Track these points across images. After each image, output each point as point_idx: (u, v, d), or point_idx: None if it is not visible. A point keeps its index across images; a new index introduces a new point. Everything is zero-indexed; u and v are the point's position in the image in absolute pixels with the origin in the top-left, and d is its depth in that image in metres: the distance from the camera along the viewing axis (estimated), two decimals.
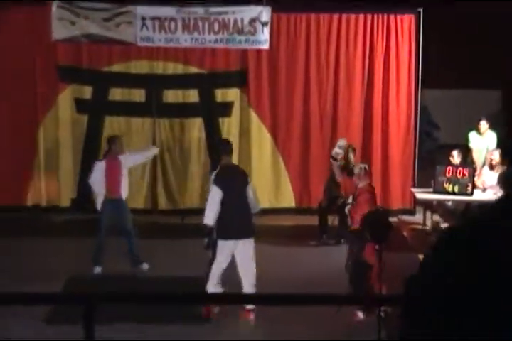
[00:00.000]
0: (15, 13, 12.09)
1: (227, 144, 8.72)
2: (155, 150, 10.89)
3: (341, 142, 10.53)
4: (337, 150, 10.45)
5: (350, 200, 8.99)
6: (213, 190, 8.19)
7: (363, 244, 8.22)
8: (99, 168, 9.83)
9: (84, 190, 12.46)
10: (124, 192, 9.93)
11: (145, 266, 9.91)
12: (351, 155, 11.37)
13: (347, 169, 10.75)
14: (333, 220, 11.46)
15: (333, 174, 11.29)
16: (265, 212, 12.56)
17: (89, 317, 3.34)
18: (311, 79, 12.45)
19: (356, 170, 8.82)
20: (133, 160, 10.31)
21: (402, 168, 12.56)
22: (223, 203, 8.16)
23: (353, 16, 12.38)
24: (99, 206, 9.90)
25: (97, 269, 9.82)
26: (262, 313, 8.13)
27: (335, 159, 10.41)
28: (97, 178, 9.82)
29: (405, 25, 12.36)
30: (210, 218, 8.22)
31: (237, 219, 8.23)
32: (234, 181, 8.30)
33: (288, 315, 7.83)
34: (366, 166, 8.98)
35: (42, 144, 12.39)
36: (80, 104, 12.41)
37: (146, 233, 10.67)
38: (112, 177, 9.82)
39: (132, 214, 10.05)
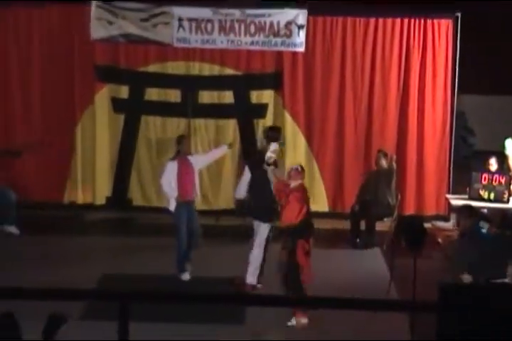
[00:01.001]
0: (54, 12, 12.22)
1: (276, 132, 8.88)
2: (224, 149, 10.67)
3: (273, 146, 9.81)
4: (269, 155, 9.74)
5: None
6: None
7: (294, 244, 8.45)
8: (171, 169, 9.60)
9: (119, 189, 12.59)
10: (196, 194, 9.84)
11: (186, 276, 9.67)
12: (383, 161, 11.33)
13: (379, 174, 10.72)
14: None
15: (376, 168, 11.30)
16: None
17: (123, 314, 3.37)
18: (347, 83, 12.43)
19: (287, 170, 9.05)
20: (203, 160, 10.24)
21: (437, 174, 12.48)
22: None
23: (389, 20, 12.33)
24: (172, 208, 9.66)
25: (185, 276, 9.59)
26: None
27: (268, 164, 9.77)
28: (169, 179, 9.60)
29: (442, 29, 12.29)
30: None
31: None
32: None
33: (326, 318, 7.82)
34: (299, 167, 9.10)
35: (79, 142, 12.50)
36: (116, 104, 12.51)
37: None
38: (185, 179, 9.61)
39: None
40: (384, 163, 11.40)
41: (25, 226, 11.29)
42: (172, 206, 9.66)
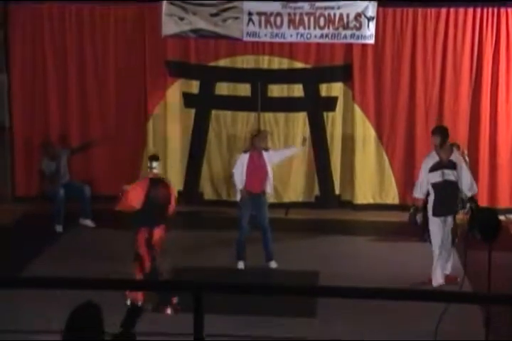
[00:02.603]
0: (127, 9, 12.42)
1: None
2: (299, 149, 10.79)
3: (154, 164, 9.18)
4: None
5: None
6: None
7: (134, 232, 8.64)
8: (242, 161, 9.90)
9: (190, 183, 12.74)
10: (270, 188, 10.02)
11: (273, 264, 9.93)
12: (456, 154, 11.16)
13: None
14: None
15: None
16: (369, 207, 12.55)
17: (198, 304, 3.42)
18: (417, 75, 12.30)
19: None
20: (277, 157, 10.39)
21: (511, 166, 12.25)
22: None
23: (461, 10, 12.15)
24: (238, 198, 10.00)
25: (240, 264, 9.88)
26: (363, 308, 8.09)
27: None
28: (239, 170, 9.88)
29: None
30: None
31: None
32: None
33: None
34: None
35: (151, 137, 12.69)
36: (187, 98, 12.65)
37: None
38: (254, 172, 9.84)
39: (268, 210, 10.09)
40: (458, 154, 11.22)
41: (98, 219, 11.56)
42: (238, 197, 9.97)
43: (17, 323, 7.92)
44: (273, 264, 9.94)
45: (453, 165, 9.24)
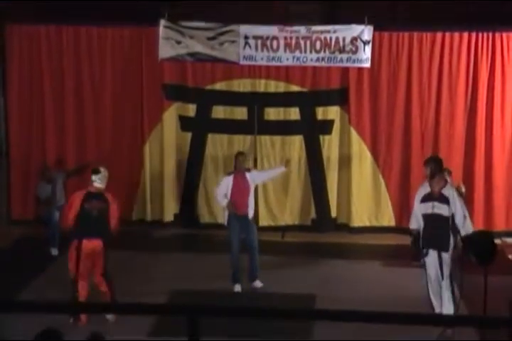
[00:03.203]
0: (124, 31, 12.48)
1: None
2: (282, 169, 10.85)
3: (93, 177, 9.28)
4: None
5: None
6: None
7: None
8: (227, 183, 9.94)
9: (187, 206, 12.72)
10: (251, 212, 9.99)
11: (258, 284, 9.97)
12: (448, 179, 11.17)
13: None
14: None
15: None
16: (365, 230, 12.54)
17: (193, 329, 3.40)
18: (413, 98, 12.36)
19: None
20: (260, 178, 10.47)
21: (507, 189, 12.28)
22: None
23: (456, 34, 12.23)
24: (225, 221, 10.05)
25: (237, 287, 9.88)
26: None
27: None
28: (223, 191, 9.91)
29: None
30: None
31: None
32: None
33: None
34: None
35: (148, 160, 12.71)
36: (184, 122, 12.68)
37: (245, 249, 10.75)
38: (239, 194, 9.89)
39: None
40: (450, 180, 11.23)
41: None
42: (226, 219, 10.01)
43: None
44: (258, 284, 9.95)
45: (445, 200, 8.70)
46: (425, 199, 8.80)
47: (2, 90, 12.74)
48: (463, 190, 11.15)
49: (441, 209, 8.63)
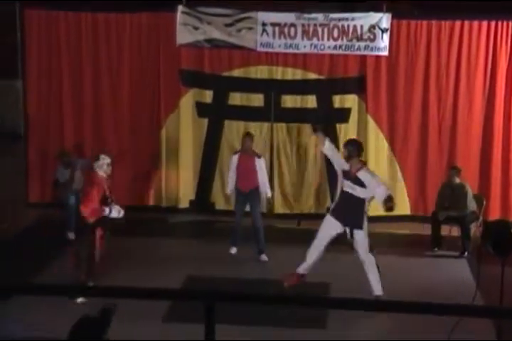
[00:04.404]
0: (142, 18, 12.49)
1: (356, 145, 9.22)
2: (268, 193, 11.11)
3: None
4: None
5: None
6: None
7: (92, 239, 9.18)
8: (233, 161, 10.79)
9: (202, 192, 12.76)
10: (263, 186, 10.68)
11: (264, 257, 10.59)
12: (456, 179, 11.14)
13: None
14: (449, 230, 11.29)
15: (449, 183, 11.17)
16: (380, 219, 12.52)
17: (210, 315, 3.42)
18: (431, 87, 12.30)
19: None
20: (261, 174, 10.84)
21: None
22: None
23: (475, 23, 12.14)
24: (228, 191, 11.11)
25: (233, 250, 10.76)
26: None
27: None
28: (232, 171, 10.80)
29: None
30: None
31: None
32: None
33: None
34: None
35: (164, 146, 12.73)
36: (200, 108, 12.68)
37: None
38: (243, 172, 10.63)
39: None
40: (457, 180, 11.21)
41: (111, 228, 11.55)
42: (229, 191, 11.07)
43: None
44: (264, 257, 10.60)
45: (358, 182, 9.06)
46: (344, 176, 9.23)
47: (21, 74, 12.79)
48: (468, 189, 11.13)
49: (354, 190, 9.08)
